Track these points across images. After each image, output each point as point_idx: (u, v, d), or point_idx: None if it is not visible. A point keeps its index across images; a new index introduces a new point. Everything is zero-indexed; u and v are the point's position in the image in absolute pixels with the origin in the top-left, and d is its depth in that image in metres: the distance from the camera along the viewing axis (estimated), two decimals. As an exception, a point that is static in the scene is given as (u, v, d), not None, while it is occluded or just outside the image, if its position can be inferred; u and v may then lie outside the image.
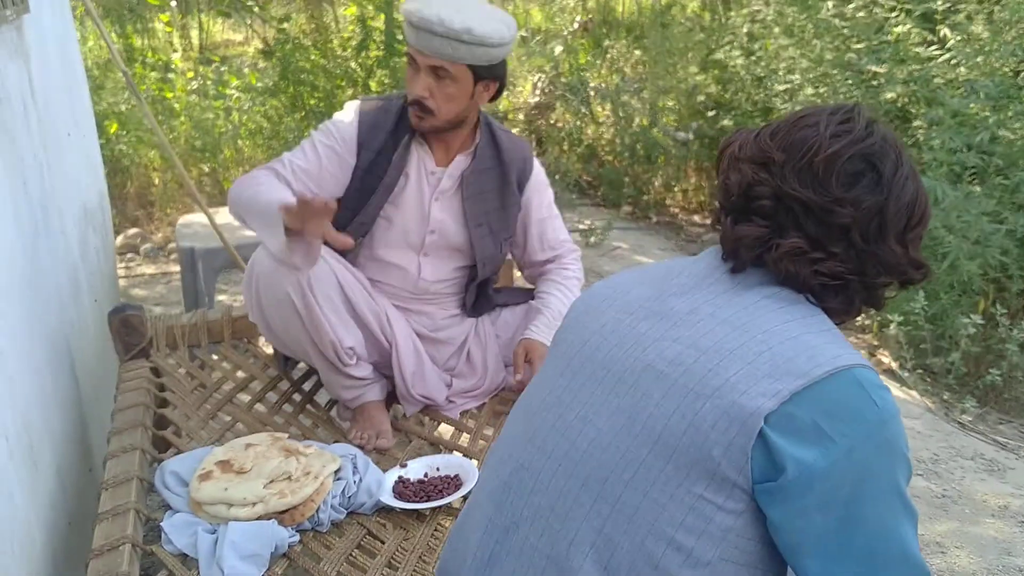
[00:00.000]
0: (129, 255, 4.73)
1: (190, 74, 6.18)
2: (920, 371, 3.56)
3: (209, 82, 6.01)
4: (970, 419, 3.30)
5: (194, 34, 8.82)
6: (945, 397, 3.45)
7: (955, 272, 3.49)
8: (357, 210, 2.13)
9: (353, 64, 5.72)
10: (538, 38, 7.52)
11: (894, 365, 3.60)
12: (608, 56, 7.19)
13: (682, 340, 1.09)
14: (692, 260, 1.23)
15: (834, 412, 1.01)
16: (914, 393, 3.42)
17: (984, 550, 2.53)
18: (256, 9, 5.81)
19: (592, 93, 6.22)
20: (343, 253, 2.06)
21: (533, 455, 1.16)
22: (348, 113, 2.14)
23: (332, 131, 2.12)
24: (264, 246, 1.98)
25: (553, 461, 1.14)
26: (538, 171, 2.27)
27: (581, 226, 5.15)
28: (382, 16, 5.58)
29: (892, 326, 3.47)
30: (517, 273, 2.59)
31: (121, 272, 4.37)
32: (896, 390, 3.43)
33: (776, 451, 1.00)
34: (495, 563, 1.15)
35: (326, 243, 1.87)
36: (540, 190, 2.27)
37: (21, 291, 1.88)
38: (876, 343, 3.84)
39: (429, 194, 2.15)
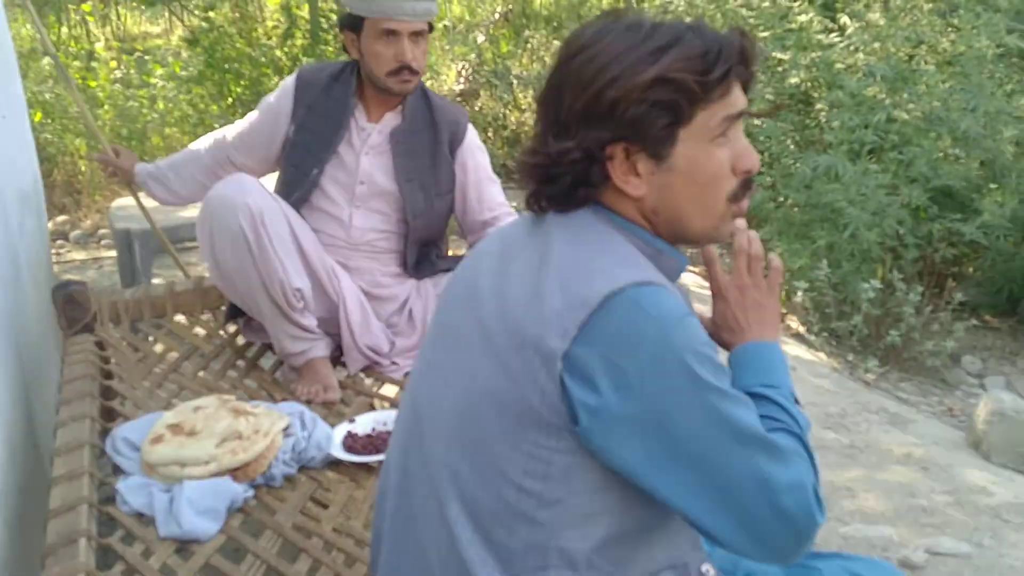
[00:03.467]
0: (59, 241, 4.70)
1: (113, 64, 6.12)
2: (826, 334, 3.79)
3: (132, 71, 5.96)
4: (873, 377, 3.53)
5: (108, 24, 8.68)
6: (850, 358, 3.68)
7: (855, 241, 3.72)
8: (299, 164, 2.29)
9: (279, 52, 5.75)
10: (460, 27, 7.62)
11: (802, 329, 3.82)
12: (528, 46, 7.35)
13: (502, 293, 1.11)
14: None
15: (617, 342, 1.00)
16: (821, 355, 3.64)
17: (890, 493, 2.74)
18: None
19: (515, 81, 6.35)
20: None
21: (415, 422, 1.21)
22: (286, 82, 2.36)
23: (265, 104, 2.38)
24: (225, 182, 2.14)
25: (429, 426, 1.17)
26: (472, 135, 2.42)
27: (506, 208, 5.27)
28: (306, 6, 5.61)
29: (799, 293, 3.68)
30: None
31: (52, 258, 4.35)
32: (804, 352, 3.65)
33: (571, 397, 1.01)
34: (411, 524, 1.20)
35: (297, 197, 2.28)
36: (475, 153, 2.41)
37: (-31, 268, 1.92)
38: (784, 310, 4.06)
39: (359, 147, 2.30)
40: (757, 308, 1.23)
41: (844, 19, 4.57)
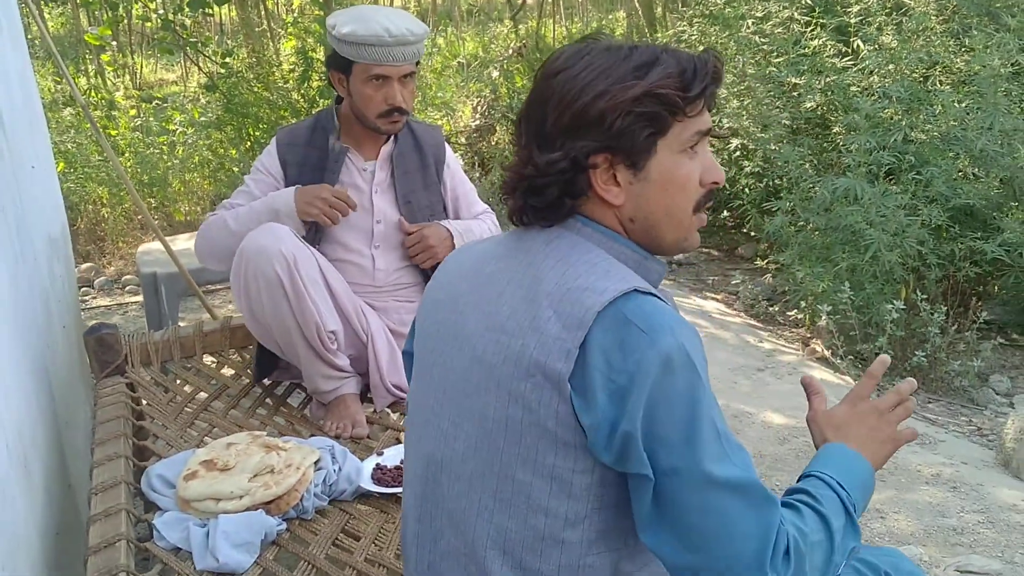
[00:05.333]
0: (84, 288, 4.77)
1: (132, 111, 6.25)
2: (851, 357, 3.77)
3: (152, 119, 6.08)
4: (900, 399, 3.50)
5: (126, 73, 8.86)
6: (876, 380, 3.66)
7: (877, 263, 3.72)
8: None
9: (295, 95, 5.84)
10: (474, 64, 7.72)
11: (827, 353, 3.81)
12: (542, 80, 7.41)
13: (497, 326, 1.15)
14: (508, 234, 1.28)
15: (611, 354, 1.04)
16: (847, 378, 3.63)
17: (920, 513, 2.72)
18: (199, 46, 5.88)
19: (530, 115, 6.40)
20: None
21: (428, 469, 1.24)
22: (269, 146, 2.40)
23: (259, 166, 2.39)
24: (257, 231, 2.14)
25: (447, 470, 1.21)
26: (450, 152, 2.50)
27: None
28: (321, 48, 5.71)
29: (823, 317, 3.68)
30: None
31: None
32: (830, 375, 3.64)
33: (579, 416, 1.06)
34: (435, 570, 1.24)
35: (305, 239, 2.20)
36: (455, 168, 2.50)
37: (7, 313, 1.96)
38: (809, 335, 4.06)
39: (368, 188, 2.33)
40: (873, 430, 1.31)
41: (857, 43, 4.60)
